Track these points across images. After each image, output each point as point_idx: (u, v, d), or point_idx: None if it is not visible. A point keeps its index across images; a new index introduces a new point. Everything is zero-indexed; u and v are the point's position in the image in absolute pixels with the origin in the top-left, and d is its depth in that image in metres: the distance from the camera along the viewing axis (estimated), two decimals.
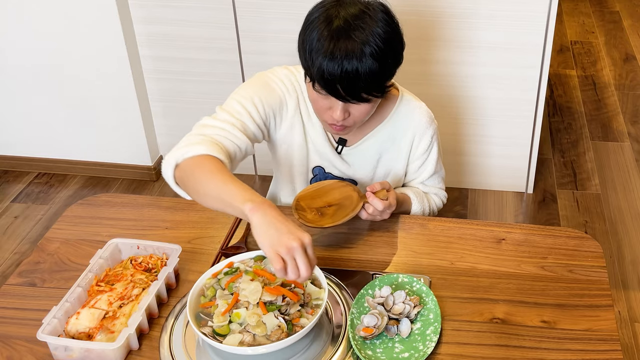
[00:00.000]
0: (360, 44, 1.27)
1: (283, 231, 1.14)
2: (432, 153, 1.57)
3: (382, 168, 1.57)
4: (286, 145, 1.55)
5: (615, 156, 3.03)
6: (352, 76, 1.28)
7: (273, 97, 1.47)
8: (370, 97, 1.34)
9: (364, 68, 1.28)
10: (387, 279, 1.30)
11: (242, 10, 2.52)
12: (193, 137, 1.38)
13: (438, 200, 1.64)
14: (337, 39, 1.28)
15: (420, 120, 1.53)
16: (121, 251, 1.38)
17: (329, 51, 1.28)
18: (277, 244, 1.13)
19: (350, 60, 1.27)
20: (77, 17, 2.58)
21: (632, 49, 3.94)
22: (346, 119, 1.38)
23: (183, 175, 1.33)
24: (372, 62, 1.28)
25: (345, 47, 1.27)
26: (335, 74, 1.28)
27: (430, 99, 1.70)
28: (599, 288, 1.30)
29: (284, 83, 1.49)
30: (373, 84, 1.31)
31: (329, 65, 1.28)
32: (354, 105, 1.35)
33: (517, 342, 1.20)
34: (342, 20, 1.29)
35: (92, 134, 2.88)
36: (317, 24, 1.31)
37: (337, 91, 1.31)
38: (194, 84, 2.73)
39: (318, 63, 1.29)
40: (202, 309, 1.19)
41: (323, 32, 1.29)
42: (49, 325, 1.19)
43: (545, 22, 2.38)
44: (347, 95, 1.31)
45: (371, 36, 1.28)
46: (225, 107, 1.45)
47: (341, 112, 1.36)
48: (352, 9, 1.30)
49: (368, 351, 1.17)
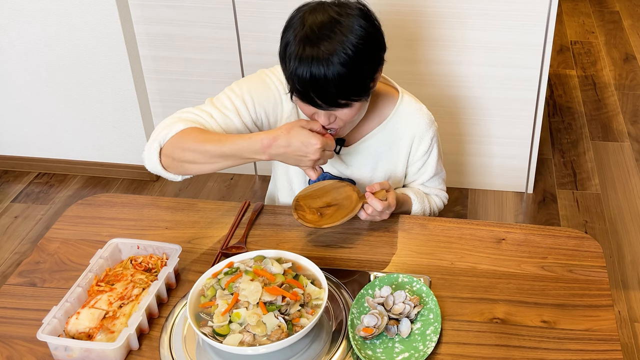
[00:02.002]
0: (327, 54, 1.26)
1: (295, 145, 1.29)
2: (432, 155, 1.56)
3: (381, 169, 1.57)
4: None
5: (615, 156, 3.03)
6: (322, 82, 1.27)
7: (267, 96, 1.47)
8: (349, 101, 1.32)
9: (331, 74, 1.26)
10: (387, 279, 1.30)
11: (242, 10, 2.52)
12: (168, 120, 1.40)
13: (439, 201, 1.64)
14: (304, 45, 1.27)
15: (420, 122, 1.52)
16: (121, 251, 1.38)
17: (298, 56, 1.27)
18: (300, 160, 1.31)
19: (317, 66, 1.26)
20: (77, 17, 2.58)
21: (632, 49, 3.94)
22: (333, 123, 1.36)
23: (171, 153, 1.35)
24: (340, 68, 1.26)
25: (311, 54, 1.26)
26: (305, 79, 1.27)
27: (431, 99, 1.71)
28: (599, 288, 1.30)
29: (281, 82, 1.48)
30: (346, 89, 1.29)
31: (298, 70, 1.27)
32: (337, 110, 1.34)
33: (517, 342, 1.20)
34: (309, 28, 1.28)
35: (92, 134, 2.89)
36: (292, 29, 1.31)
37: (311, 99, 1.30)
38: (194, 84, 2.73)
39: (290, 68, 1.29)
40: (202, 309, 1.19)
41: (296, 37, 1.29)
42: (49, 325, 1.19)
43: (545, 22, 2.38)
44: (322, 102, 1.30)
45: (339, 44, 1.26)
46: (215, 101, 1.45)
47: (325, 117, 1.34)
48: (322, 16, 1.29)
49: (368, 351, 1.17)
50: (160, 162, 1.37)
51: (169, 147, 1.36)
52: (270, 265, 1.24)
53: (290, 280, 1.21)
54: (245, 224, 1.48)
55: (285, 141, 1.29)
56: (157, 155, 1.36)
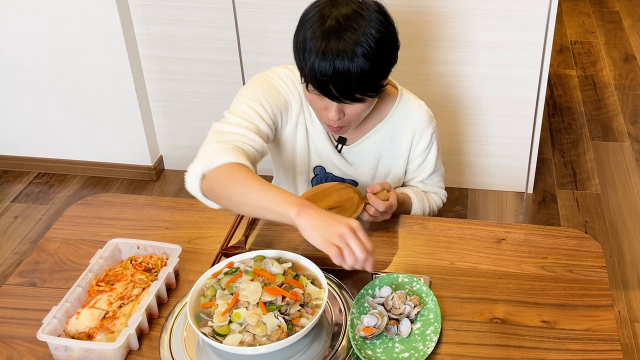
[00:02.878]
0: (352, 45, 1.27)
1: (330, 222, 1.18)
2: (431, 151, 1.57)
3: (383, 167, 1.57)
4: (290, 145, 1.55)
5: (615, 156, 3.03)
6: (344, 76, 1.28)
7: (279, 96, 1.47)
8: (364, 97, 1.33)
9: (355, 68, 1.27)
10: (387, 279, 1.30)
11: (242, 10, 2.52)
12: (214, 146, 1.35)
13: (438, 199, 1.64)
14: (328, 39, 1.27)
15: (420, 118, 1.53)
16: (121, 251, 1.38)
17: (320, 50, 1.27)
18: (328, 234, 1.16)
19: (341, 59, 1.27)
20: (77, 17, 2.58)
21: (632, 49, 3.94)
22: (341, 119, 1.38)
23: (212, 186, 1.31)
24: (364, 62, 1.27)
25: (337, 47, 1.27)
26: (327, 74, 1.28)
27: (431, 99, 1.70)
28: (599, 288, 1.30)
29: (285, 83, 1.48)
30: (366, 84, 1.31)
31: (320, 65, 1.28)
32: (348, 105, 1.35)
33: (517, 342, 1.20)
34: (334, 20, 1.28)
35: (92, 134, 2.88)
36: (310, 24, 1.31)
37: (329, 91, 1.31)
38: (194, 84, 2.73)
39: (310, 62, 1.29)
40: (202, 309, 1.19)
41: (316, 32, 1.29)
42: (49, 325, 1.19)
43: (545, 22, 2.38)
44: (340, 96, 1.31)
45: (363, 36, 1.27)
46: (235, 111, 1.43)
47: (336, 112, 1.36)
48: (345, 9, 1.30)
49: (368, 351, 1.17)
50: (200, 189, 1.33)
51: (211, 179, 1.31)
52: (270, 265, 1.24)
53: (290, 280, 1.21)
54: (245, 224, 1.48)
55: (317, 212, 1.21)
56: (199, 183, 1.32)
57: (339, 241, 1.16)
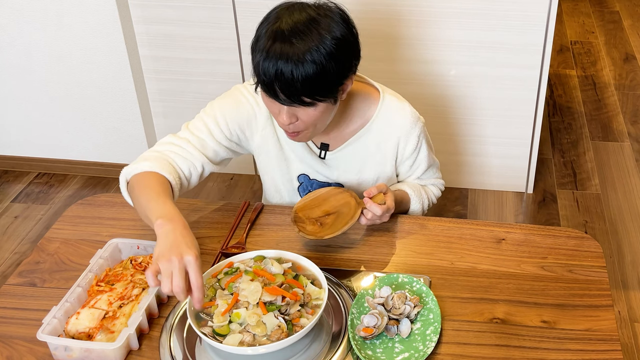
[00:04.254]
0: (300, 50, 1.25)
1: (173, 246, 1.15)
2: (421, 151, 1.55)
3: (370, 172, 1.55)
4: (264, 156, 1.55)
5: (615, 156, 3.03)
6: (288, 78, 1.26)
7: (240, 112, 1.49)
8: (314, 101, 1.30)
9: (300, 72, 1.25)
10: (387, 279, 1.30)
11: (242, 10, 2.52)
12: (147, 153, 1.45)
13: (436, 190, 1.64)
14: (274, 40, 1.26)
15: (404, 122, 1.50)
16: (121, 251, 1.38)
17: (265, 50, 1.27)
18: (160, 255, 1.14)
19: (285, 62, 1.25)
20: (77, 17, 2.58)
21: (632, 49, 3.94)
22: (294, 123, 1.35)
23: (130, 190, 1.40)
24: (311, 66, 1.25)
25: (282, 49, 1.25)
26: (270, 74, 1.27)
27: (430, 98, 1.71)
28: (599, 288, 1.30)
29: (253, 96, 1.49)
30: (313, 89, 1.28)
31: (264, 64, 1.27)
32: (300, 109, 1.32)
33: (517, 342, 1.20)
34: (286, 24, 1.27)
35: (92, 134, 2.89)
36: (266, 24, 1.30)
37: (275, 93, 1.29)
38: (194, 84, 2.73)
39: (256, 61, 1.29)
40: (202, 309, 1.19)
41: (267, 32, 1.28)
42: (49, 325, 1.19)
43: (545, 22, 2.38)
44: (287, 98, 1.29)
45: (313, 43, 1.25)
46: (190, 126, 1.49)
47: (287, 116, 1.33)
48: (300, 15, 1.28)
49: (368, 351, 1.17)
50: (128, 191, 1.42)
51: (131, 184, 1.41)
52: (270, 265, 1.24)
53: (290, 280, 1.21)
54: (245, 224, 1.48)
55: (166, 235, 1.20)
56: (125, 189, 1.43)
57: (164, 266, 1.12)
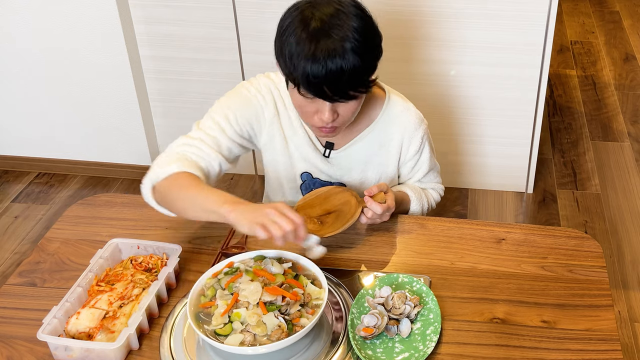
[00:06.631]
0: (340, 42, 1.26)
1: (256, 208, 1.23)
2: (424, 153, 1.56)
3: (373, 172, 1.56)
4: (270, 153, 1.56)
5: (615, 156, 3.03)
6: (337, 75, 1.27)
7: (248, 109, 1.49)
8: (357, 93, 1.33)
9: (347, 65, 1.27)
10: (387, 279, 1.30)
11: (242, 10, 2.52)
12: (166, 157, 1.43)
13: (436, 194, 1.65)
14: (317, 40, 1.26)
15: (408, 123, 1.52)
16: (121, 251, 1.38)
17: (310, 53, 1.26)
18: (253, 217, 1.21)
19: (333, 58, 1.26)
20: (77, 17, 2.58)
21: (632, 49, 3.94)
22: (335, 119, 1.37)
23: (162, 195, 1.39)
24: (354, 57, 1.27)
25: (327, 47, 1.26)
26: (319, 75, 1.27)
27: (431, 98, 1.71)
28: (599, 288, 1.30)
29: (260, 93, 1.49)
30: (357, 80, 1.31)
31: (312, 68, 1.27)
32: (341, 104, 1.34)
33: (517, 342, 1.20)
34: (319, 20, 1.28)
35: (92, 134, 2.89)
36: (293, 28, 1.29)
37: (323, 92, 1.30)
38: (194, 84, 2.73)
39: (301, 67, 1.28)
40: (202, 309, 1.19)
41: (301, 35, 1.28)
42: (49, 325, 1.19)
43: (545, 22, 2.38)
44: (334, 95, 1.30)
45: (349, 32, 1.27)
46: (201, 125, 1.49)
47: (330, 113, 1.35)
48: (327, 8, 1.29)
49: (368, 351, 1.17)
50: (155, 199, 1.41)
51: (160, 188, 1.39)
52: (270, 265, 1.24)
53: (290, 280, 1.21)
54: None
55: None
56: (151, 193, 1.41)
57: (264, 219, 1.20)
